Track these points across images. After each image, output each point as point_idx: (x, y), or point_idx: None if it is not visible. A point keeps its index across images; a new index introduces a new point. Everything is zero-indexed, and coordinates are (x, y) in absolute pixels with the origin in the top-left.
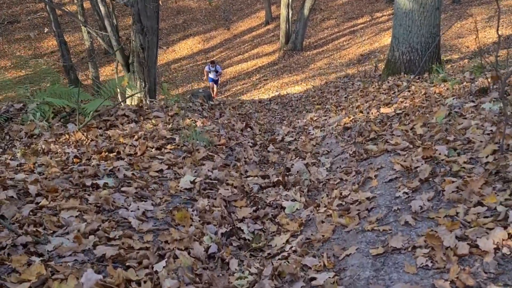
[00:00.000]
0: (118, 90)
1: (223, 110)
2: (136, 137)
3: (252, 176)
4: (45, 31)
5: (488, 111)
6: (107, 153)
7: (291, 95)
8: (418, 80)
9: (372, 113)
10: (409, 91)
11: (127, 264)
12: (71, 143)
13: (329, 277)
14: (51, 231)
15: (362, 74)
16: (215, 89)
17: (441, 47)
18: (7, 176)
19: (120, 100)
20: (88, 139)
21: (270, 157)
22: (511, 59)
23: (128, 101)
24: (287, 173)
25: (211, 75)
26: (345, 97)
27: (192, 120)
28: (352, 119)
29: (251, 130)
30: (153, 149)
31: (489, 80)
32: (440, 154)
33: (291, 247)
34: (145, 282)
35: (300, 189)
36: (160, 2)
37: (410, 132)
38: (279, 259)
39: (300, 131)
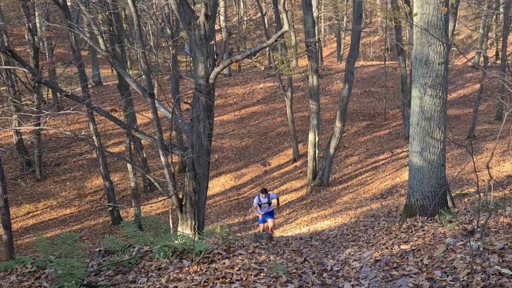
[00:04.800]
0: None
1: (283, 249)
2: (236, 268)
3: None
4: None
5: (471, 247)
6: (221, 279)
7: (327, 231)
8: (430, 221)
9: (394, 248)
10: (423, 230)
11: None
12: (191, 273)
13: None
14: None
15: (386, 211)
16: (270, 225)
17: (459, 181)
18: None
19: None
20: (202, 270)
21: (327, 280)
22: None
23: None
24: None
25: (263, 211)
26: (373, 235)
27: (266, 256)
28: (380, 253)
29: (308, 263)
30: (252, 276)
31: (474, 225)
32: (436, 275)
33: None
34: None
35: None
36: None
37: (420, 262)
38: None
39: (343, 263)
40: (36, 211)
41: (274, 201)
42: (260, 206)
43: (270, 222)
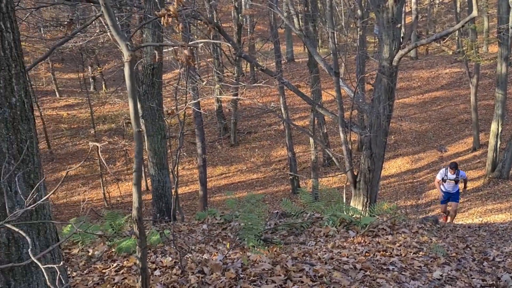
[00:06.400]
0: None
1: (447, 233)
2: (397, 244)
3: (476, 278)
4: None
5: None
6: (382, 252)
7: (497, 224)
8: None
9: None
10: None
11: None
12: (355, 243)
13: None
14: None
15: None
16: (452, 209)
17: None
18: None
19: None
20: (366, 242)
21: (486, 269)
22: None
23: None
24: (499, 280)
25: (447, 188)
26: None
27: (428, 238)
28: None
29: (470, 250)
30: (411, 253)
31: None
32: None
33: None
34: None
35: None
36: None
37: None
38: None
39: (507, 255)
40: (228, 173)
41: (461, 184)
42: (444, 181)
43: (453, 205)
